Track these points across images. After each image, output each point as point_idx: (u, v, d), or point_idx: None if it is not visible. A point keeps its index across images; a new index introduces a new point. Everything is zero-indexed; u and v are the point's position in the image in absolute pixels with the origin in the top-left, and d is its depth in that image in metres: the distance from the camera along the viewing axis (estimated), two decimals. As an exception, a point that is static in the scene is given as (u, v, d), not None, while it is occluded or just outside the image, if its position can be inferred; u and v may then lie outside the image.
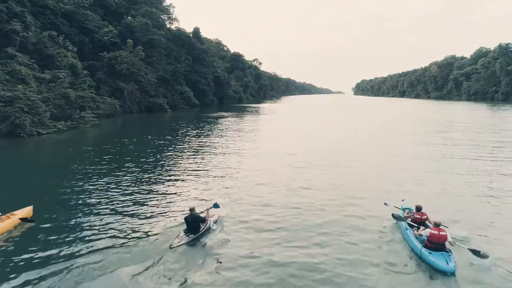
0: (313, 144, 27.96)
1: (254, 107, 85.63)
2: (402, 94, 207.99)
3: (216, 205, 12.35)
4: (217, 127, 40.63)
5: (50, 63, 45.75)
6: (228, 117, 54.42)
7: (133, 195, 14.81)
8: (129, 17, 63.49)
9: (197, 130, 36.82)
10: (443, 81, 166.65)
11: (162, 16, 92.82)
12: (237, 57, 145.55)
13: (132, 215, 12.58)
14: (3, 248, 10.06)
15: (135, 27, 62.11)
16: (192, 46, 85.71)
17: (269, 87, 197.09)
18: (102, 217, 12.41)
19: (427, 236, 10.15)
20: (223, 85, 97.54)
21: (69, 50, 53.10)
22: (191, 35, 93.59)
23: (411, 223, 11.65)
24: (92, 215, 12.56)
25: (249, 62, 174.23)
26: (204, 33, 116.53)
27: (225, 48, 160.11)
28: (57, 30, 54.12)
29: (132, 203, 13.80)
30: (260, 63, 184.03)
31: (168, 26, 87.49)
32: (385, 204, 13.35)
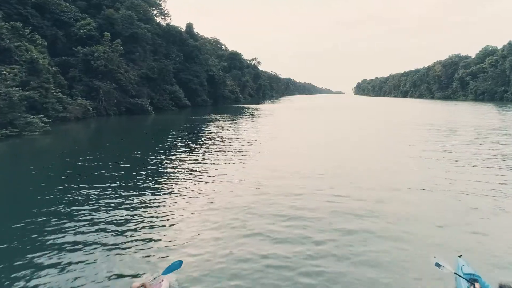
0: (317, 163, 20.86)
1: (251, 108, 78.40)
2: (405, 94, 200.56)
3: (174, 267, 7.57)
4: (200, 134, 33.48)
5: (7, 57, 38.74)
6: (218, 120, 47.17)
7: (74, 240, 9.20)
8: (109, 9, 56.15)
9: (173, 139, 29.69)
10: (447, 81, 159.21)
11: (153, 11, 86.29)
12: (235, 56, 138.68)
13: None
14: None
15: (115, 19, 54.90)
16: (184, 42, 78.60)
17: (269, 87, 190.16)
18: None
19: None
20: (218, 84, 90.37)
21: (37, 44, 46.17)
22: (184, 31, 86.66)
23: None
24: None
25: (248, 61, 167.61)
26: (202, 32, 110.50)
27: (223, 47, 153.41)
28: (25, 22, 47.15)
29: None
30: (259, 62, 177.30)
31: (158, 21, 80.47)
32: (437, 265, 7.69)
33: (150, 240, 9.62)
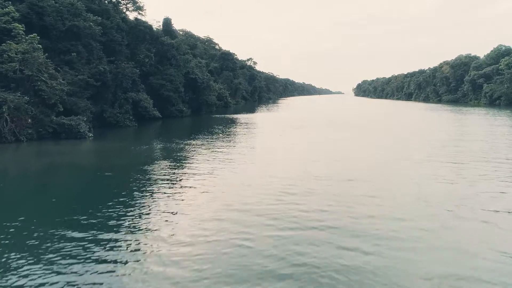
0: None
1: (236, 120, 62.99)
2: (409, 97, 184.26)
3: None
4: (125, 183, 18.24)
5: None
6: (170, 153, 31.71)
7: None
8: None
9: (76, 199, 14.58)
10: (456, 83, 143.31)
11: (126, 4, 71.03)
12: (227, 56, 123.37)
13: None
14: None
15: (44, 8, 39.50)
16: (156, 40, 63.25)
17: (265, 89, 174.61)
18: None
19: None
20: (201, 89, 74.97)
21: None
22: (158, 27, 71.40)
23: None
24: None
25: (243, 62, 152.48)
26: (199, 32, 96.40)
27: (217, 47, 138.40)
28: None
29: None
30: (255, 63, 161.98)
31: (126, 15, 65.10)
32: None
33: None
